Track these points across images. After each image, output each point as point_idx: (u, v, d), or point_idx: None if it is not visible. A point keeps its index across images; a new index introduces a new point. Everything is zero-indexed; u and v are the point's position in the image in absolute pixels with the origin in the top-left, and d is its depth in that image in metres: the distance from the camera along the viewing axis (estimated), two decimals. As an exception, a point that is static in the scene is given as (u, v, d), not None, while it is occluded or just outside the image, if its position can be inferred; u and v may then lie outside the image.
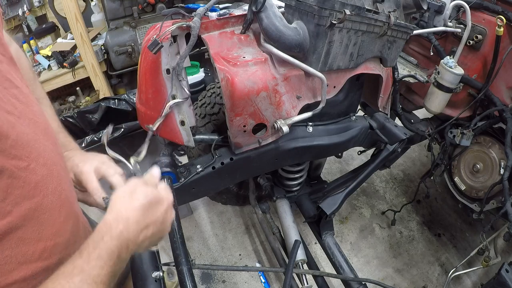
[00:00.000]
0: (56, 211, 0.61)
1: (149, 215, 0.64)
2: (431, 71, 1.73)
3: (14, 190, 0.51)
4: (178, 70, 1.07)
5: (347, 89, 1.42)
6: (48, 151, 0.61)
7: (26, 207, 0.53)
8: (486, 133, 1.79)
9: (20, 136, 0.53)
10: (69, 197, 0.68)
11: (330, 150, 1.55)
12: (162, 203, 0.67)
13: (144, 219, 0.63)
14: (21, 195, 0.52)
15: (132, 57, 2.75)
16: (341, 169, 2.84)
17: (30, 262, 0.56)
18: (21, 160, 0.52)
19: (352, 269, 1.54)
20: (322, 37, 1.08)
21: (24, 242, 0.54)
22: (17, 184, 0.51)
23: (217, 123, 1.62)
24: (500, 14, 1.50)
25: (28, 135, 0.56)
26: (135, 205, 0.63)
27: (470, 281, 2.12)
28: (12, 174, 0.50)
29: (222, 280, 2.07)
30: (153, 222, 0.65)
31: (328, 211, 1.52)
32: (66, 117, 1.79)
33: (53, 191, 0.60)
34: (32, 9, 3.12)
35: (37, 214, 0.56)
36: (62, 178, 0.65)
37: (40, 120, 0.63)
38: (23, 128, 0.55)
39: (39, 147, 0.58)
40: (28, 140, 0.55)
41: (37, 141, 0.58)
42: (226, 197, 2.19)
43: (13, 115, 0.54)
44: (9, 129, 0.51)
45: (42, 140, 0.60)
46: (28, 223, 0.54)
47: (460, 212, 2.49)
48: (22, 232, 0.53)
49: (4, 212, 0.49)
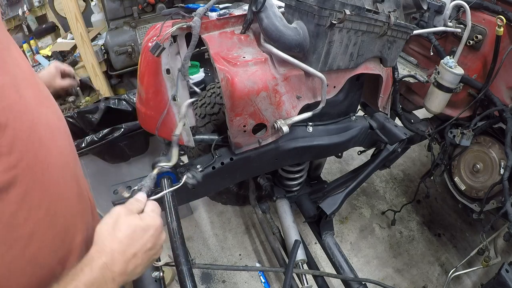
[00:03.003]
0: (59, 169, 0.63)
1: (135, 244, 0.63)
2: (431, 71, 1.73)
3: (19, 145, 0.53)
4: (184, 71, 1.07)
5: (347, 89, 1.42)
6: (49, 115, 0.65)
7: (30, 162, 0.55)
8: (486, 133, 1.79)
9: (24, 96, 0.57)
10: (70, 163, 0.69)
11: (330, 150, 1.55)
12: (148, 229, 0.66)
13: (129, 248, 0.62)
14: (25, 151, 0.54)
15: (132, 57, 2.75)
16: (341, 169, 2.84)
17: (36, 219, 0.57)
18: (25, 119, 0.56)
19: (352, 269, 1.54)
20: (322, 37, 1.08)
21: (28, 197, 0.55)
22: (21, 139, 0.53)
23: (217, 123, 1.62)
24: (500, 14, 1.50)
25: (31, 98, 0.59)
26: (119, 236, 0.62)
27: (470, 281, 2.12)
28: (16, 130, 0.53)
29: (222, 280, 2.07)
30: (140, 249, 0.64)
31: (328, 211, 1.52)
32: (66, 117, 1.79)
33: (55, 149, 0.62)
34: (32, 9, 3.12)
35: (41, 170, 0.58)
36: (63, 142, 0.67)
37: (41, 88, 0.67)
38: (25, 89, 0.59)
39: (41, 107, 0.62)
40: (30, 100, 0.59)
41: (39, 101, 0.62)
42: (226, 197, 2.19)
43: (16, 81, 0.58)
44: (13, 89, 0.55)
45: (44, 107, 0.64)
46: (32, 179, 0.56)
47: (460, 212, 2.49)
48: (25, 187, 0.54)
49: (10, 166, 0.51)
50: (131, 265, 0.62)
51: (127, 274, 0.62)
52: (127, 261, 0.61)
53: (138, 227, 0.65)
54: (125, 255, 0.61)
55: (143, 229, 0.65)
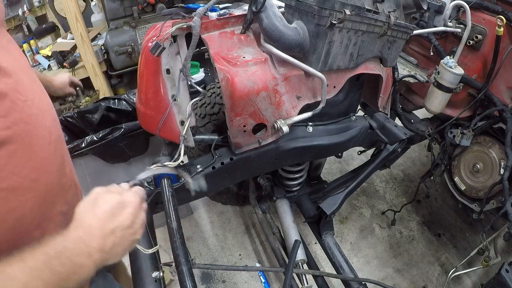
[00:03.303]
0: (45, 143, 0.69)
1: (113, 220, 0.65)
2: (431, 71, 1.73)
3: (14, 113, 0.61)
4: (186, 71, 1.07)
5: (347, 89, 1.42)
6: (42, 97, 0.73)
7: (21, 128, 0.62)
8: (486, 133, 1.79)
9: (21, 79, 0.66)
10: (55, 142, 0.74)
11: (330, 150, 1.55)
12: (126, 206, 0.68)
13: (108, 224, 0.64)
14: (19, 118, 0.62)
15: (132, 57, 2.75)
16: (341, 169, 2.84)
17: (20, 176, 0.62)
18: (21, 95, 0.64)
19: (352, 269, 1.54)
20: (322, 37, 1.08)
21: (17, 155, 0.61)
22: (16, 108, 0.62)
23: (217, 123, 1.62)
24: (500, 14, 1.50)
25: (27, 83, 0.68)
26: (97, 212, 0.64)
27: (470, 281, 2.12)
28: (13, 101, 0.61)
29: (222, 280, 2.07)
30: (119, 226, 0.65)
31: (328, 211, 1.52)
32: (66, 117, 1.79)
33: (43, 126, 0.69)
34: (32, 9, 3.11)
35: (30, 137, 0.65)
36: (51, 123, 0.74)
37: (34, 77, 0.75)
38: (22, 76, 0.68)
39: (34, 93, 0.70)
40: (26, 85, 0.68)
41: (33, 89, 0.70)
42: (226, 197, 2.19)
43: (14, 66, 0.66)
44: (13, 72, 0.64)
45: (37, 90, 0.73)
46: (22, 142, 0.62)
47: (460, 212, 2.49)
48: (15, 146, 0.61)
49: (4, 126, 0.58)
50: (109, 241, 0.63)
51: (105, 251, 0.62)
52: (105, 237, 0.62)
53: (116, 203, 0.67)
54: (103, 231, 0.63)
55: (121, 205, 0.67)
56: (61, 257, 0.57)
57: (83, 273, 0.61)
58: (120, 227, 0.65)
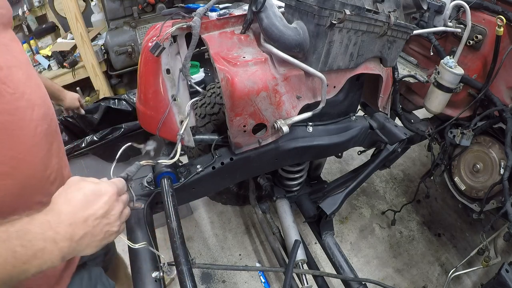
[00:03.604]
0: (30, 135, 0.70)
1: (86, 209, 0.62)
2: (431, 71, 1.73)
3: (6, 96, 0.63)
4: (185, 71, 1.07)
5: (347, 89, 1.42)
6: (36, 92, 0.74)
7: (4, 118, 0.64)
8: (486, 133, 1.79)
9: (13, 73, 0.67)
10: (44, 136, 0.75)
11: (330, 150, 1.55)
12: (101, 195, 0.65)
13: (80, 212, 0.61)
14: (2, 109, 0.63)
15: (132, 57, 2.75)
16: (341, 169, 2.84)
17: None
18: (9, 87, 0.65)
19: (352, 269, 1.54)
20: (322, 37, 1.08)
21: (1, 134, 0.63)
22: (2, 100, 0.63)
23: (217, 123, 1.62)
24: (500, 14, 1.50)
25: (19, 78, 0.69)
26: (69, 198, 0.62)
27: (470, 281, 2.12)
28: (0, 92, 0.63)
29: (222, 280, 2.07)
30: (92, 215, 0.63)
31: (328, 211, 1.52)
32: (66, 117, 1.79)
33: (29, 119, 0.70)
34: (32, 9, 3.12)
35: (12, 128, 0.66)
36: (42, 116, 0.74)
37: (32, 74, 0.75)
38: (16, 71, 0.69)
39: (26, 88, 0.70)
40: (18, 79, 0.68)
41: (25, 84, 0.71)
42: (226, 197, 2.19)
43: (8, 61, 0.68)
44: (5, 66, 0.65)
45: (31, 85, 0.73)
46: (5, 131, 0.64)
47: (460, 212, 2.49)
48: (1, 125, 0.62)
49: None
50: (79, 230, 0.60)
51: (74, 240, 0.60)
52: (75, 225, 0.60)
53: (90, 191, 0.64)
54: (74, 218, 0.60)
55: (95, 193, 0.65)
56: (22, 238, 0.55)
57: (46, 259, 0.58)
58: (93, 216, 0.63)
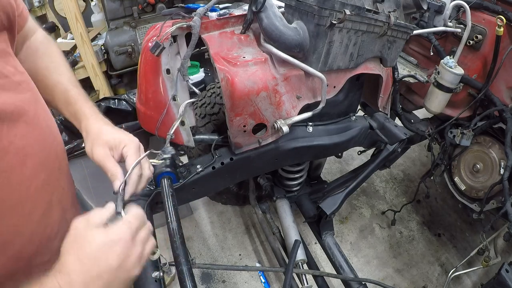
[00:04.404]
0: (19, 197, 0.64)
1: (98, 265, 0.57)
2: (431, 71, 1.73)
3: None
4: (183, 71, 1.07)
5: (347, 89, 1.42)
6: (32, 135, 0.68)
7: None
8: (486, 133, 1.79)
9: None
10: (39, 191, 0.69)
11: (330, 150, 1.55)
12: (112, 245, 0.58)
13: (92, 269, 0.56)
14: None
15: (132, 57, 2.75)
16: (341, 169, 2.84)
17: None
18: None
19: (352, 269, 1.54)
20: (322, 37, 1.08)
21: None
22: None
23: (217, 123, 1.62)
24: (500, 14, 1.50)
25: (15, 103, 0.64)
26: (79, 255, 0.56)
27: (470, 281, 2.12)
28: None
29: (222, 280, 2.07)
30: (106, 270, 0.57)
31: (328, 211, 1.52)
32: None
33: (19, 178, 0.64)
34: (32, 9, 3.11)
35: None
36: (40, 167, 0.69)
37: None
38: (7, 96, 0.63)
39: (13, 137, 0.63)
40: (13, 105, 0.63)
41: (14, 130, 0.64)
42: (226, 197, 2.19)
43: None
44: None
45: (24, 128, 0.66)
46: None
47: (460, 212, 2.49)
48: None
49: None
50: (94, 287, 0.56)
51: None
52: (88, 283, 0.55)
53: (101, 244, 0.57)
54: (86, 276, 0.55)
55: (106, 245, 0.58)
56: None
57: None
58: (108, 270, 0.57)
